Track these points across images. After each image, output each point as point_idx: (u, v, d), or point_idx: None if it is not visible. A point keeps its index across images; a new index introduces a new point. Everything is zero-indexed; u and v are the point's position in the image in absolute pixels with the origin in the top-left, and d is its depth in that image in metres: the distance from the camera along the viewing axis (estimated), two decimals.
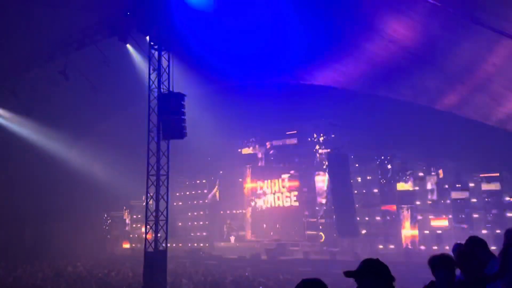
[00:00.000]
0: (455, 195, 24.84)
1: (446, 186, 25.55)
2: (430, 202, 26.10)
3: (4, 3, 16.98)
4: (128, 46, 18.87)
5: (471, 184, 25.09)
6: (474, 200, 24.84)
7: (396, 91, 21.41)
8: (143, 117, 16.11)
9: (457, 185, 24.96)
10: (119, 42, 17.75)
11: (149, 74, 15.74)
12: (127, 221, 37.03)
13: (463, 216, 24.26)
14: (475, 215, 24.54)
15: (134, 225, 36.82)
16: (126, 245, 36.06)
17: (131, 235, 36.69)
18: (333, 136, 29.90)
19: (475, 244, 4.51)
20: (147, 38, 16.04)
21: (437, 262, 3.62)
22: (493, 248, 5.76)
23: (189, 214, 36.83)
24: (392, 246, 26.24)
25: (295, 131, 31.91)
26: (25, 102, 22.63)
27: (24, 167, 26.74)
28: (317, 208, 30.23)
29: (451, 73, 16.74)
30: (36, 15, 17.35)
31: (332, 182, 28.71)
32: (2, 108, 24.63)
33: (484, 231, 22.83)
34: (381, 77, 19.97)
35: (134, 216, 36.64)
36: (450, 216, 25.01)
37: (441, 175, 25.75)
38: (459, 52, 15.35)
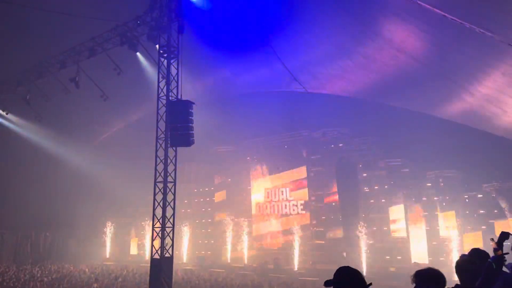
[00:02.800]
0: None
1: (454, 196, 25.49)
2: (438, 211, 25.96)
3: (17, 12, 17.33)
4: (138, 54, 19.07)
5: (480, 196, 24.93)
6: (483, 211, 24.66)
7: (405, 100, 21.39)
8: (152, 124, 16.22)
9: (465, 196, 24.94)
10: (129, 50, 17.95)
11: (158, 82, 15.88)
12: (135, 227, 37.13)
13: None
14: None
15: (141, 232, 36.88)
16: (134, 252, 36.18)
17: (138, 242, 36.77)
18: (341, 145, 29.88)
19: (477, 256, 4.48)
20: (157, 46, 16.22)
21: (426, 278, 3.29)
22: None
23: (197, 221, 36.81)
24: (399, 257, 25.99)
25: (303, 139, 31.93)
26: (37, 109, 22.97)
27: (36, 173, 27.08)
28: (324, 217, 30.17)
29: (459, 83, 16.69)
30: (48, 23, 17.67)
31: (340, 191, 28.65)
32: (14, 114, 25.00)
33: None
34: (389, 86, 19.97)
35: (142, 223, 36.71)
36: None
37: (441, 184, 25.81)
38: (467, 62, 15.32)
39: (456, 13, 12.21)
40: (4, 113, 24.73)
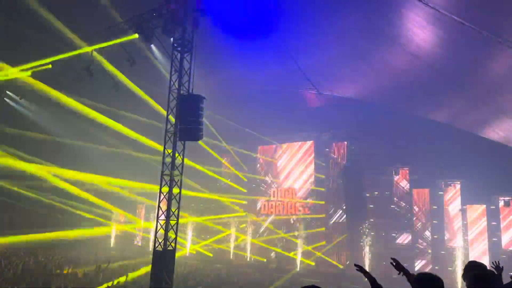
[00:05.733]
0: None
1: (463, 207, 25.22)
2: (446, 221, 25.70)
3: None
4: (152, 46, 19.12)
5: (492, 207, 24.63)
6: (494, 223, 24.36)
7: (417, 107, 21.19)
8: (162, 117, 16.27)
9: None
10: (143, 42, 17.99)
11: (170, 75, 15.90)
12: (140, 219, 37.38)
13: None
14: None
15: (146, 224, 37.11)
16: (138, 243, 36.46)
17: (143, 234, 37.02)
18: (350, 148, 29.67)
19: (472, 270, 4.42)
20: (171, 39, 16.23)
21: (428, 284, 3.25)
22: None
23: (203, 216, 36.83)
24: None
25: (312, 141, 31.82)
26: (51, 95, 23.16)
27: (49, 159, 27.39)
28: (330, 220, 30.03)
29: (474, 93, 16.47)
30: (64, 11, 17.79)
31: (346, 196, 28.46)
32: (27, 100, 25.24)
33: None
34: (402, 92, 19.81)
35: (147, 215, 36.97)
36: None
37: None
38: (483, 72, 15.11)
39: (473, 21, 12.03)
40: (17, 98, 25.01)
